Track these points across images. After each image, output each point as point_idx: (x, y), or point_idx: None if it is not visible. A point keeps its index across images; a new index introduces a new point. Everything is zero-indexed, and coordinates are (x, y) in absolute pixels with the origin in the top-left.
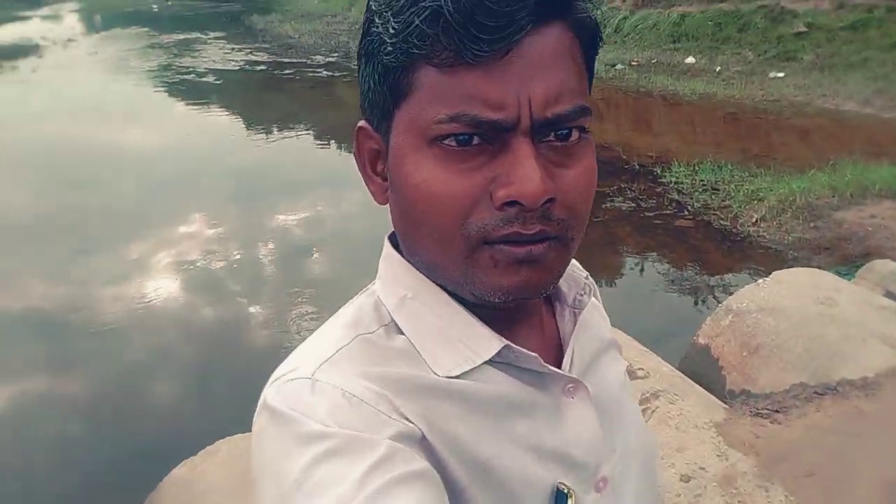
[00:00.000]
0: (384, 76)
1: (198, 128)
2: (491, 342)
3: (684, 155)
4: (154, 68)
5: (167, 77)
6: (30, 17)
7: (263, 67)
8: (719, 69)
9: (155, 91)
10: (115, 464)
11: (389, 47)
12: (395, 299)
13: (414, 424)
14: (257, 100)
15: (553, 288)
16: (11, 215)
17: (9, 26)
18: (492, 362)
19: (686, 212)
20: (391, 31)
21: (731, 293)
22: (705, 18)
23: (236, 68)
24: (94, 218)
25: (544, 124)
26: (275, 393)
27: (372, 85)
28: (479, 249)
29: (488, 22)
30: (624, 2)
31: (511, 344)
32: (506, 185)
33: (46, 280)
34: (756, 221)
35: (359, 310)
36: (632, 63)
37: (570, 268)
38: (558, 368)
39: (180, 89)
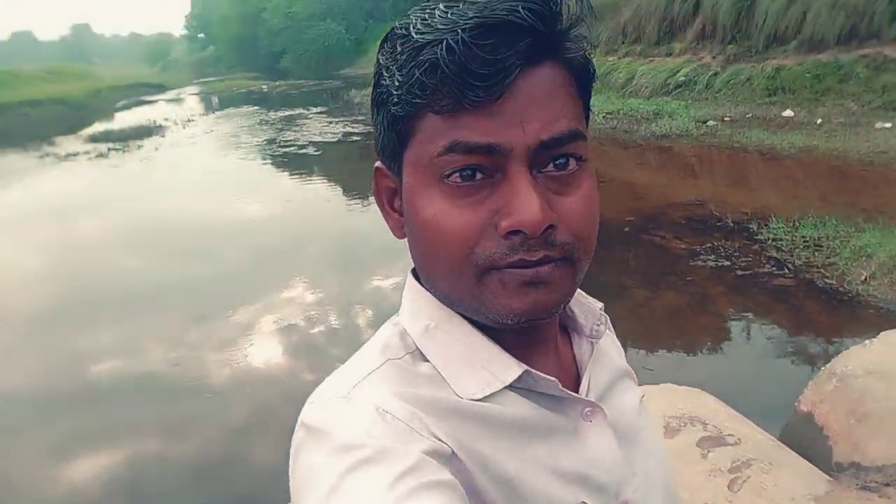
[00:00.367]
0: (392, 124)
1: (299, 197)
2: (512, 367)
3: (783, 211)
4: (262, 143)
5: (272, 150)
6: (155, 101)
7: (358, 138)
8: (820, 121)
9: (262, 164)
10: None
11: (396, 98)
12: (420, 328)
13: (444, 442)
14: (354, 168)
15: (563, 307)
16: (133, 284)
17: (137, 109)
18: (512, 387)
19: (786, 270)
20: (396, 83)
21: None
22: (802, 70)
23: (334, 140)
24: (206, 286)
25: (541, 147)
26: (311, 412)
27: (382, 131)
28: (488, 274)
29: (481, 70)
30: (714, 58)
31: (531, 369)
32: (508, 216)
33: (162, 345)
34: (865, 279)
35: (386, 338)
36: (725, 119)
37: (586, 300)
38: (576, 393)
39: (283, 161)
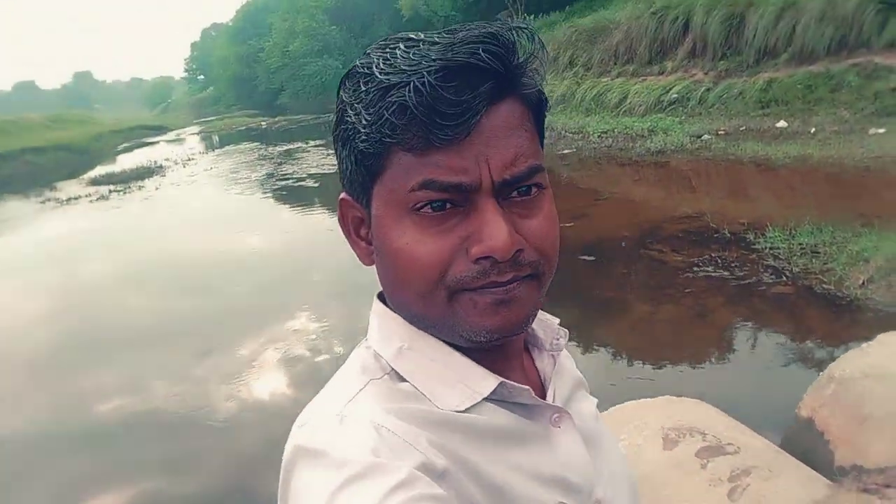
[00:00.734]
0: (360, 160)
1: (299, 229)
2: (487, 379)
3: (780, 220)
4: (261, 177)
5: (272, 184)
6: (156, 142)
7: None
8: (814, 130)
9: (262, 198)
10: None
11: (363, 136)
12: (393, 350)
13: (436, 457)
14: None
15: (532, 321)
16: (136, 320)
17: (138, 151)
18: (487, 398)
19: (784, 278)
20: (364, 122)
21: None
22: (794, 82)
23: (332, 171)
24: (210, 320)
25: (504, 185)
26: (304, 434)
27: (350, 165)
28: (461, 294)
29: (448, 111)
30: (706, 74)
31: (506, 380)
32: (478, 242)
33: (167, 381)
34: (863, 283)
35: (362, 361)
36: (719, 132)
37: (544, 316)
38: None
39: (282, 195)
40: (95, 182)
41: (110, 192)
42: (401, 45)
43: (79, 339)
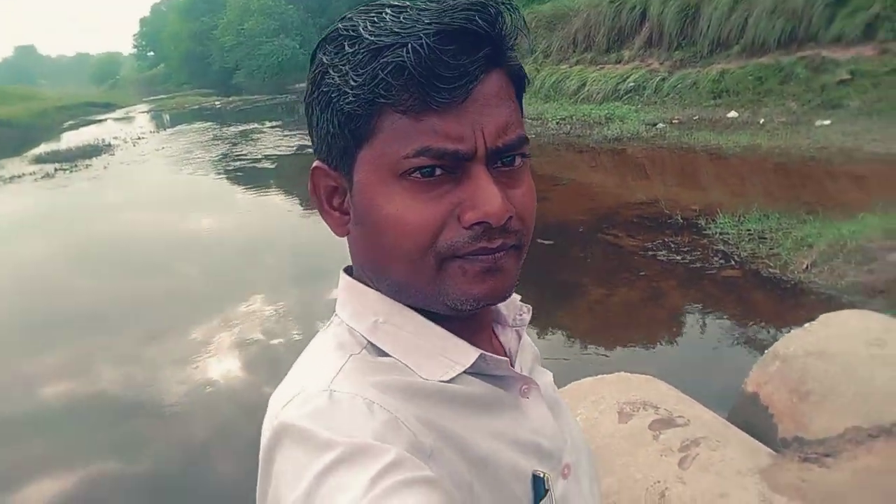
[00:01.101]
0: (345, 122)
1: (255, 210)
2: (469, 352)
3: (730, 206)
4: (216, 158)
5: (227, 165)
6: (104, 120)
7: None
8: (763, 121)
9: (215, 178)
10: None
11: (351, 97)
12: (368, 324)
13: (424, 436)
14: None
15: (512, 292)
16: (84, 302)
17: (85, 129)
18: (465, 370)
19: (733, 262)
20: (352, 82)
21: None
22: (745, 73)
23: (290, 153)
24: (161, 302)
25: (496, 153)
26: (290, 410)
27: (331, 130)
28: (450, 261)
29: (447, 73)
30: (662, 64)
31: (485, 352)
32: (472, 208)
33: (114, 364)
34: (807, 267)
35: (337, 337)
36: (673, 121)
37: None
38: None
39: (238, 175)
40: (40, 160)
41: (56, 170)
42: (387, 10)
43: (21, 321)
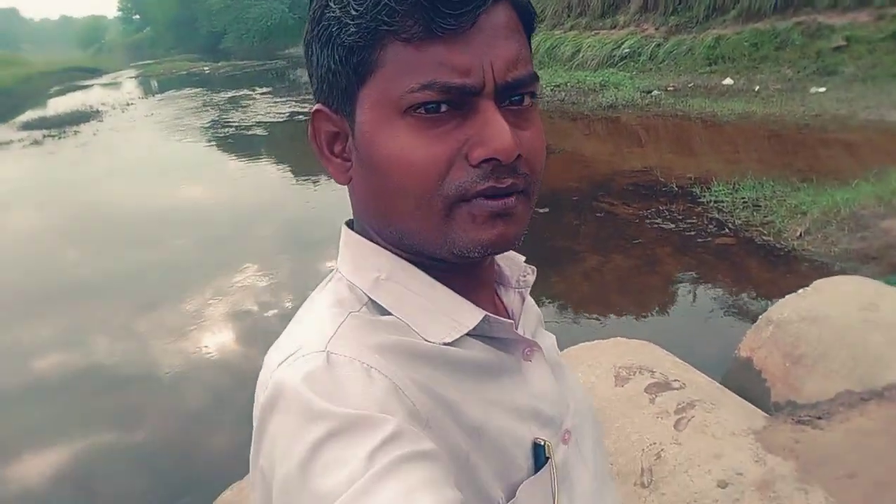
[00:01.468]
0: (347, 57)
1: (247, 179)
2: (473, 313)
3: (724, 174)
4: (206, 125)
5: (218, 132)
6: (91, 86)
7: (305, 117)
8: (758, 88)
9: (206, 146)
10: (172, 489)
11: (353, 28)
12: (369, 281)
13: (421, 404)
14: (302, 149)
15: (520, 241)
16: (75, 273)
17: (72, 95)
18: (468, 332)
19: (727, 230)
20: (353, 12)
21: None
22: (741, 39)
23: (282, 120)
24: (153, 273)
25: (505, 88)
26: (285, 372)
27: (332, 66)
28: (457, 207)
29: None
30: (657, 29)
31: (489, 314)
32: (480, 145)
33: (108, 335)
34: (800, 235)
35: (336, 293)
36: (668, 88)
37: (510, 254)
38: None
39: (230, 143)
40: (27, 126)
41: (44, 136)
42: None
43: (10, 292)
